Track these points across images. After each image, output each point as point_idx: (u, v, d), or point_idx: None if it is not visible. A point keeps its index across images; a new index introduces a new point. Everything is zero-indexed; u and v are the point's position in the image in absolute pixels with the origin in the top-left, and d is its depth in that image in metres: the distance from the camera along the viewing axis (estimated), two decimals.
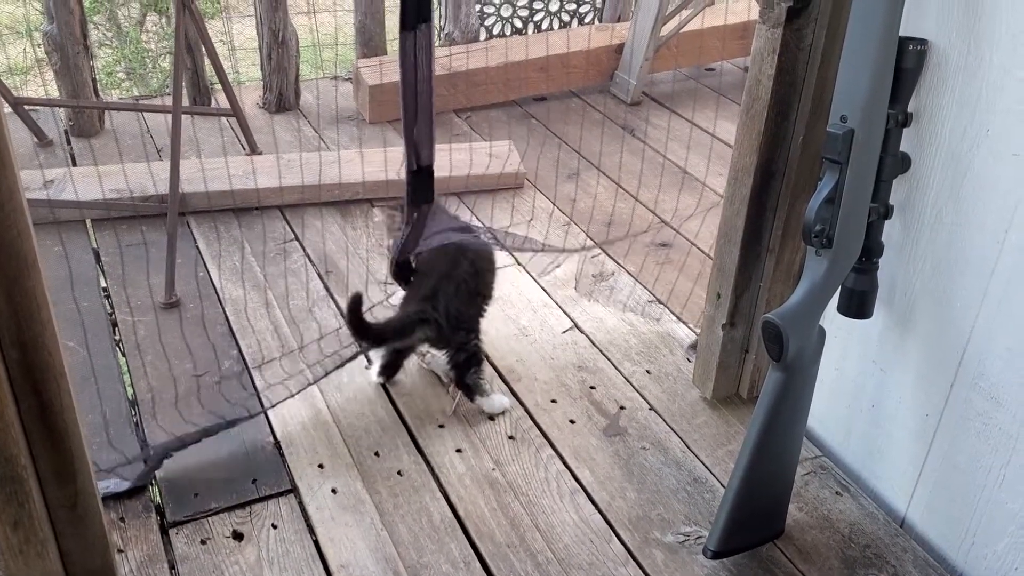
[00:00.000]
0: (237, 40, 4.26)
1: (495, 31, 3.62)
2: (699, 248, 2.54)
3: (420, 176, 1.83)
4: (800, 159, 1.67)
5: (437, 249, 1.92)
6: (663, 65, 3.52)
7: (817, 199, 1.42)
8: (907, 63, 1.40)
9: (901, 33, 1.36)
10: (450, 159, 2.69)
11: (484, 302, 1.95)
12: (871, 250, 1.49)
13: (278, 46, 3.12)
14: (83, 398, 1.84)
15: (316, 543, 1.64)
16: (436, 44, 3.45)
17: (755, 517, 1.60)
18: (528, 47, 3.38)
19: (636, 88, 3.40)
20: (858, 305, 1.54)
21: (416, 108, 1.74)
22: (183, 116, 2.62)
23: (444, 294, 1.84)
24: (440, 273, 1.87)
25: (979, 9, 1.33)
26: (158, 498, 1.73)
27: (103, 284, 2.32)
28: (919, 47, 1.40)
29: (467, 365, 1.89)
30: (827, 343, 1.56)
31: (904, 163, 1.48)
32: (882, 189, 1.46)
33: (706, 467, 1.81)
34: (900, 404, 1.62)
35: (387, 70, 3.18)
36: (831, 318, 1.56)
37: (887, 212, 1.48)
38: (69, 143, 2.97)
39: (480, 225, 2.31)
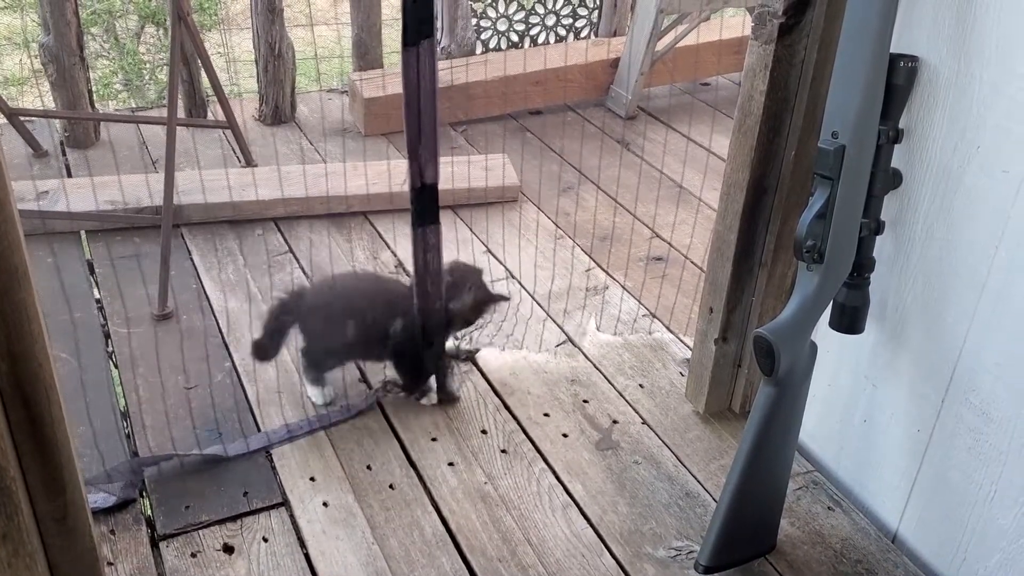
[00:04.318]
0: (235, 52, 4.27)
1: (491, 45, 3.63)
2: (693, 262, 2.55)
3: (424, 195, 1.78)
4: (792, 174, 1.67)
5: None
6: (659, 79, 3.53)
7: (808, 214, 1.42)
8: (898, 79, 1.40)
9: (892, 50, 1.37)
10: (444, 172, 2.68)
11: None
12: (862, 265, 1.49)
13: (274, 59, 3.13)
14: (74, 410, 1.84)
15: (307, 557, 1.63)
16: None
17: (747, 532, 1.59)
18: (524, 61, 3.39)
19: (632, 102, 3.41)
20: (850, 320, 1.54)
21: (419, 125, 1.69)
22: (178, 128, 2.62)
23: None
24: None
25: (969, 26, 1.33)
26: (148, 511, 1.72)
27: (96, 295, 2.32)
28: (910, 64, 1.41)
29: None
30: (819, 358, 1.56)
31: (895, 179, 1.48)
32: (873, 205, 1.46)
33: (698, 481, 1.81)
34: (892, 419, 1.62)
35: (383, 83, 3.18)
36: (823, 333, 1.56)
37: (878, 227, 1.48)
38: (65, 154, 2.97)
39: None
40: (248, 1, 3.17)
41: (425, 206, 1.78)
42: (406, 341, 1.91)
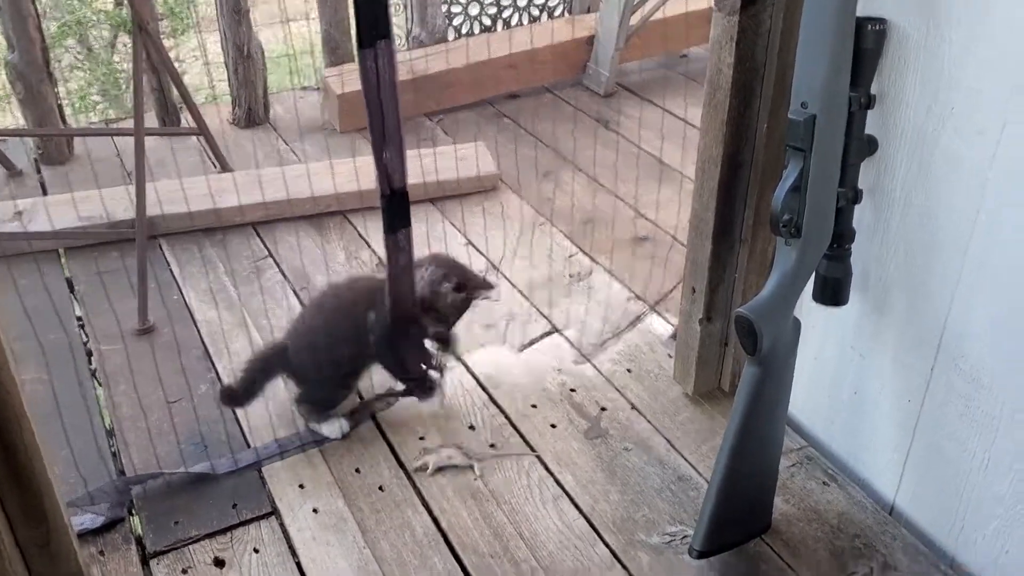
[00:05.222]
0: (210, 55, 4.22)
1: (464, 30, 3.58)
2: (679, 241, 2.51)
3: (394, 200, 1.71)
4: (767, 147, 1.64)
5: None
6: (635, 54, 3.49)
7: (783, 188, 1.40)
8: (866, 44, 1.37)
9: (858, 13, 1.33)
10: (420, 165, 2.65)
11: None
12: (842, 236, 1.47)
13: (244, 60, 3.09)
14: (57, 431, 1.81)
15: (299, 565, 1.61)
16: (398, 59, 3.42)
17: (740, 513, 1.57)
18: (497, 45, 3.34)
19: (609, 79, 3.37)
20: (833, 292, 1.51)
21: (383, 129, 1.64)
22: (151, 137, 2.59)
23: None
24: None
25: None
26: (138, 529, 1.70)
27: (77, 313, 2.29)
28: (878, 27, 1.37)
29: None
30: (804, 332, 1.53)
31: (870, 146, 1.45)
32: (850, 173, 1.43)
33: (690, 464, 1.79)
34: (882, 390, 1.60)
35: (355, 78, 3.13)
36: (807, 307, 1.54)
37: (856, 196, 1.45)
38: (40, 172, 2.93)
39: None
40: None
41: (395, 211, 1.72)
42: (386, 336, 1.87)
